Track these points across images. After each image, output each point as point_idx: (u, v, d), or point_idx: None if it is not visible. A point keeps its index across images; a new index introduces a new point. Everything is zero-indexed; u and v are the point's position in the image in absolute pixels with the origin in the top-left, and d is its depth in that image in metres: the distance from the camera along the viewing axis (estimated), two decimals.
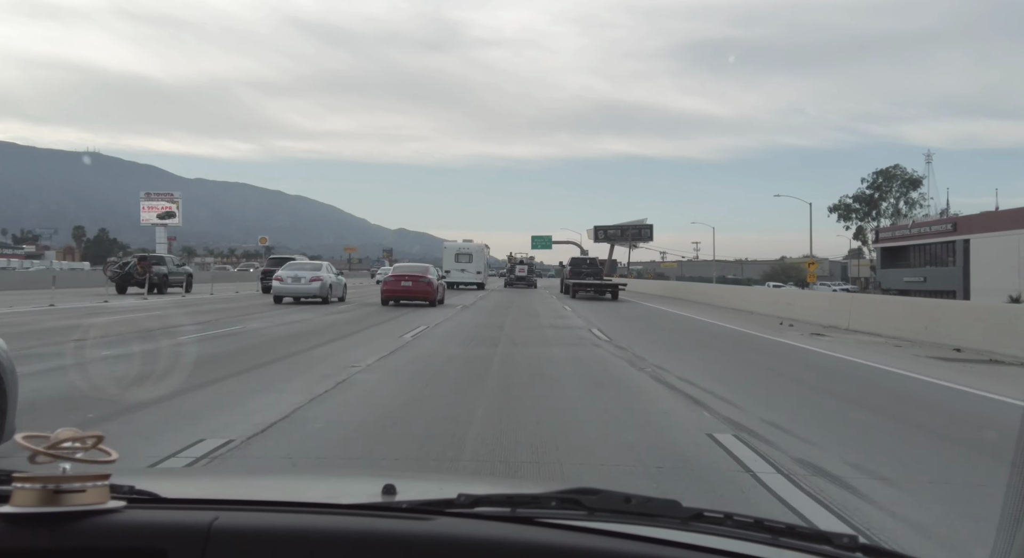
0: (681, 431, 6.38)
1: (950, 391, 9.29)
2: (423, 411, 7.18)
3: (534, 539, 1.06)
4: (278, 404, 7.08)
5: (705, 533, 1.11)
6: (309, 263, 30.27)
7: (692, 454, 5.56)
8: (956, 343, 14.16)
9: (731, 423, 6.67)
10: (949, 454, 6.02)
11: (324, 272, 26.40)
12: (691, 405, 7.65)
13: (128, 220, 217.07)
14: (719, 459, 5.43)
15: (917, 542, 3.78)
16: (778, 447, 5.76)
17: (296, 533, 1.06)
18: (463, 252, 48.15)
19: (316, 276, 25.86)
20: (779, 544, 1.10)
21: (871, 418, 7.55)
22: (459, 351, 12.34)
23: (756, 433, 6.24)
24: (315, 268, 27.07)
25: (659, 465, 5.22)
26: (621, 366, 10.81)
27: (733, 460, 5.37)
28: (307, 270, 26.70)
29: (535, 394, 8.33)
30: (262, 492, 1.48)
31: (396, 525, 1.09)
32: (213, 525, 1.05)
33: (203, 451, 5.26)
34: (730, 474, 5.05)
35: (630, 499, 1.15)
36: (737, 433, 6.24)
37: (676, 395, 8.26)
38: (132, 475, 1.28)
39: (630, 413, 7.26)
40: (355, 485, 1.67)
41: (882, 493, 4.62)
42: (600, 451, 5.66)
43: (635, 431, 6.36)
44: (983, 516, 3.96)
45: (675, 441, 5.99)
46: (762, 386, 9.47)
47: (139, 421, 6.30)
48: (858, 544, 1.09)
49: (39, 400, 6.82)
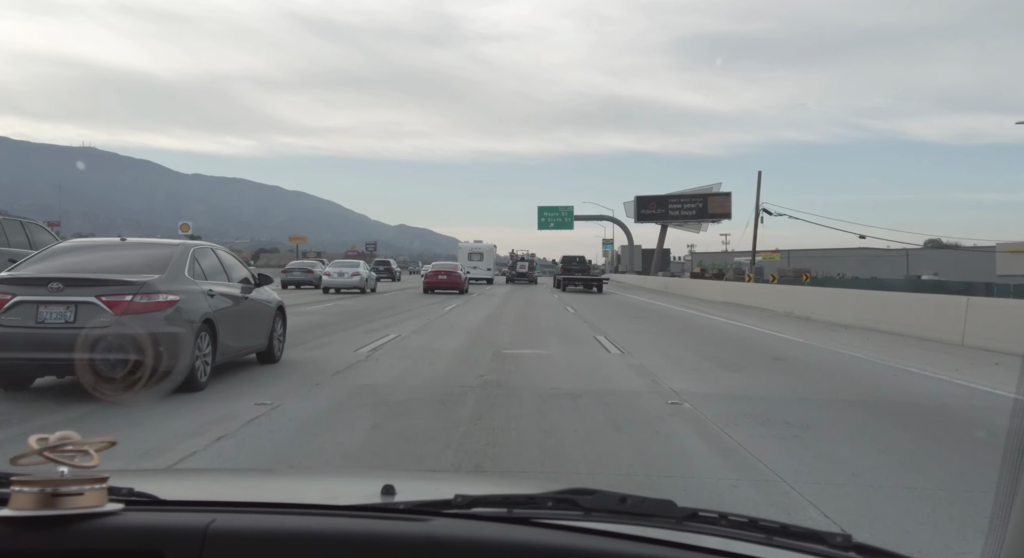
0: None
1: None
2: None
3: (530, 539, 1.08)
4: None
5: (700, 533, 1.12)
6: (350, 261, 37.65)
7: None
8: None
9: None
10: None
11: (361, 268, 34.07)
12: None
13: (121, 215, 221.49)
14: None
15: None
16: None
17: (294, 535, 1.07)
18: (475, 251, 55.51)
19: (356, 271, 33.55)
20: (773, 543, 1.11)
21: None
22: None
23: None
24: (355, 265, 34.68)
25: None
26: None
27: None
28: (349, 267, 34.36)
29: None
30: (260, 494, 1.50)
31: (393, 526, 1.10)
32: (210, 527, 1.06)
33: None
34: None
35: (625, 499, 1.16)
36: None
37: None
38: (130, 477, 1.30)
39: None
40: (354, 486, 1.66)
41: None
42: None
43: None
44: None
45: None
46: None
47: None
48: (852, 543, 1.10)
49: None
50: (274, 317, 9.60)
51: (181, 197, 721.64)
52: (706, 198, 70.96)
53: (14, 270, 7.28)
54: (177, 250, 7.82)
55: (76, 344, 6.45)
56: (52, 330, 6.64)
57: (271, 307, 9.63)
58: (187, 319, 7.19)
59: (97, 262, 7.43)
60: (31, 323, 6.66)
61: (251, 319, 8.90)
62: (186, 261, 7.70)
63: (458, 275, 34.82)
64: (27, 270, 7.18)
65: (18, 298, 6.70)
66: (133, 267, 7.23)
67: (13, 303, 6.69)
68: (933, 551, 3.60)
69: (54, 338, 6.59)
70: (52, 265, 7.30)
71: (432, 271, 35.73)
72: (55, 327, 6.66)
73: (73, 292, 6.72)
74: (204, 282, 7.82)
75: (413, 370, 9.22)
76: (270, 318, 9.47)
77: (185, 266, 7.62)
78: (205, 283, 7.83)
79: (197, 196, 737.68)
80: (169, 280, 7.20)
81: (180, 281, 7.36)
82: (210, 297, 7.75)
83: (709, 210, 71.03)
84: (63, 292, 6.71)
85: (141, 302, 6.81)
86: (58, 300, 6.69)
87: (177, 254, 7.70)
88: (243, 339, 8.65)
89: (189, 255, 7.85)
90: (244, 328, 8.64)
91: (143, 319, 6.76)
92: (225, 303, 8.10)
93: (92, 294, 6.72)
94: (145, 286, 6.91)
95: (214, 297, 7.84)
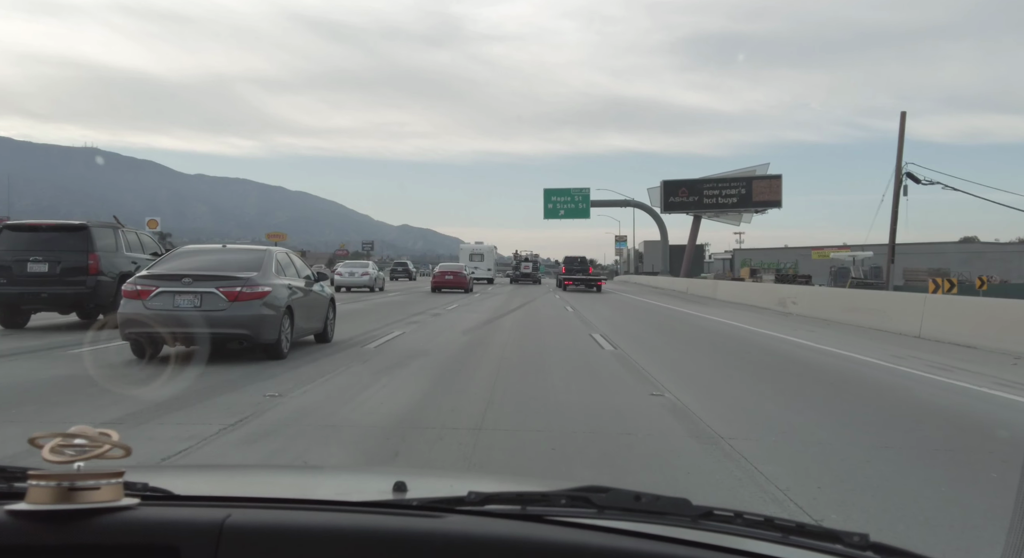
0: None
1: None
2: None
3: (544, 537, 1.07)
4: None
5: (715, 531, 1.12)
6: (360, 262, 40.32)
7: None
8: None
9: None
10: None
11: (370, 269, 36.88)
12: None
13: (122, 215, 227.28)
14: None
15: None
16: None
17: (307, 530, 1.08)
18: (476, 252, 58.02)
19: (366, 271, 36.36)
20: (789, 542, 1.10)
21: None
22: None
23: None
24: (364, 266, 37.49)
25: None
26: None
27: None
28: (359, 267, 37.18)
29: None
30: (274, 489, 1.51)
31: (407, 523, 1.10)
32: (226, 522, 1.07)
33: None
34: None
35: (640, 497, 1.16)
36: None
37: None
38: (146, 472, 1.32)
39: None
40: (366, 483, 1.68)
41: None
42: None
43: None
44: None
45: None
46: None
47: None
48: (869, 542, 1.09)
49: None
50: (328, 306, 12.14)
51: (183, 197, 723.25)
52: (751, 182, 58.50)
53: (153, 268, 9.86)
54: (265, 254, 10.39)
55: (202, 322, 9.05)
56: (184, 312, 9.20)
57: (326, 298, 12.16)
58: (276, 305, 9.73)
59: (211, 263, 9.98)
60: (169, 307, 9.22)
61: (313, 307, 11.43)
62: (272, 262, 10.24)
63: (463, 275, 37.99)
64: (162, 268, 9.75)
65: (160, 289, 9.27)
66: (237, 266, 9.80)
67: (157, 293, 9.26)
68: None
69: (186, 317, 9.15)
70: (178, 264, 9.87)
71: (439, 272, 39.02)
72: (186, 310, 9.22)
73: (199, 285, 9.29)
74: (283, 278, 10.36)
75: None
76: (325, 307, 12.01)
77: (272, 266, 10.16)
78: (284, 279, 10.37)
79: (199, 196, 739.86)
80: (263, 276, 9.75)
81: (270, 277, 9.90)
82: (288, 289, 10.28)
83: (755, 197, 58.47)
84: (192, 285, 9.27)
85: (247, 292, 9.36)
86: (189, 290, 9.26)
87: (266, 257, 10.26)
88: (309, 322, 11.18)
89: (273, 258, 10.40)
90: (309, 313, 11.17)
91: (248, 305, 9.33)
92: (297, 294, 10.62)
93: (213, 286, 9.29)
94: (249, 281, 9.46)
95: (291, 290, 10.37)
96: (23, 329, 13.66)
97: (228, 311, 9.20)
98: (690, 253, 66.29)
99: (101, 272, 13.44)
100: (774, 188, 58.15)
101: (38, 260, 13.17)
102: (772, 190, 58.10)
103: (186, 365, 9.06)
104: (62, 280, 13.26)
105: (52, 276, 13.22)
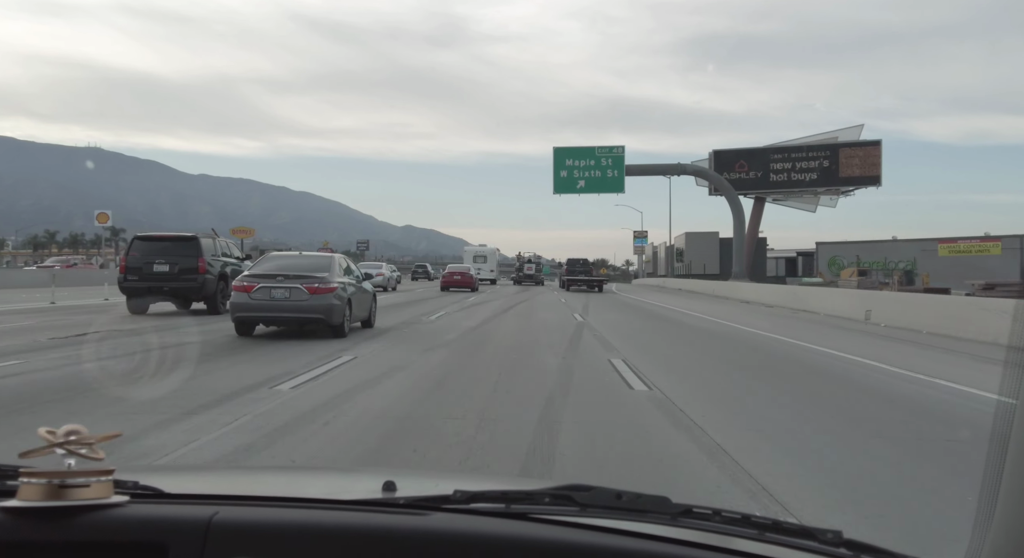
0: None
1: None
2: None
3: (527, 534, 1.10)
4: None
5: (694, 528, 1.15)
6: (374, 264, 44.01)
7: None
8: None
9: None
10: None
11: (384, 269, 40.53)
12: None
13: (125, 215, 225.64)
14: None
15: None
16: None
17: (295, 527, 1.10)
18: (480, 254, 61.46)
19: (380, 271, 39.82)
20: (765, 539, 1.13)
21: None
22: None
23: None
24: (378, 267, 41.06)
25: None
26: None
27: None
28: (373, 268, 40.60)
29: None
30: (263, 488, 1.54)
31: (394, 520, 1.13)
32: (213, 519, 1.09)
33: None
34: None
35: (621, 495, 1.19)
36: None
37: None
38: (135, 471, 1.34)
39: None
40: (355, 482, 1.71)
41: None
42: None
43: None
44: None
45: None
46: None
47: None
48: (842, 539, 1.13)
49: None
50: (372, 299, 15.68)
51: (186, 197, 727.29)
52: (836, 151, 42.37)
53: (253, 270, 13.50)
54: (332, 259, 14.00)
55: (290, 309, 12.61)
56: (278, 302, 12.74)
57: (370, 293, 15.68)
58: (342, 297, 13.24)
59: (293, 265, 13.56)
60: (267, 298, 12.75)
61: (363, 300, 14.93)
62: (337, 265, 13.78)
63: (470, 276, 42.47)
64: (260, 269, 13.36)
65: (261, 285, 12.82)
66: (312, 268, 13.36)
67: (258, 287, 12.80)
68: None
69: (279, 305, 12.70)
70: (270, 266, 13.51)
71: (448, 272, 43.81)
72: (279, 300, 12.76)
73: (288, 281, 12.83)
74: (344, 277, 13.87)
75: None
76: (370, 300, 15.54)
77: (337, 268, 13.69)
78: (344, 278, 13.88)
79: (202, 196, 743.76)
80: (332, 275, 13.27)
81: (337, 276, 13.42)
82: (348, 285, 13.78)
83: (842, 171, 42.56)
84: (283, 281, 12.82)
85: (322, 287, 12.87)
86: (281, 286, 12.80)
87: (332, 260, 13.84)
88: (360, 312, 14.70)
89: (337, 262, 13.94)
90: (360, 305, 14.68)
91: (323, 297, 12.85)
92: (353, 289, 14.12)
93: (298, 283, 12.82)
94: (323, 279, 12.98)
95: (349, 286, 13.87)
96: (145, 314, 17.64)
97: (309, 301, 12.72)
98: (751, 247, 48.52)
99: (207, 272, 17.50)
100: (871, 159, 41.87)
101: (161, 263, 17.30)
102: (868, 162, 42.03)
103: (279, 339, 12.57)
104: (179, 278, 17.37)
105: (171, 274, 17.35)
